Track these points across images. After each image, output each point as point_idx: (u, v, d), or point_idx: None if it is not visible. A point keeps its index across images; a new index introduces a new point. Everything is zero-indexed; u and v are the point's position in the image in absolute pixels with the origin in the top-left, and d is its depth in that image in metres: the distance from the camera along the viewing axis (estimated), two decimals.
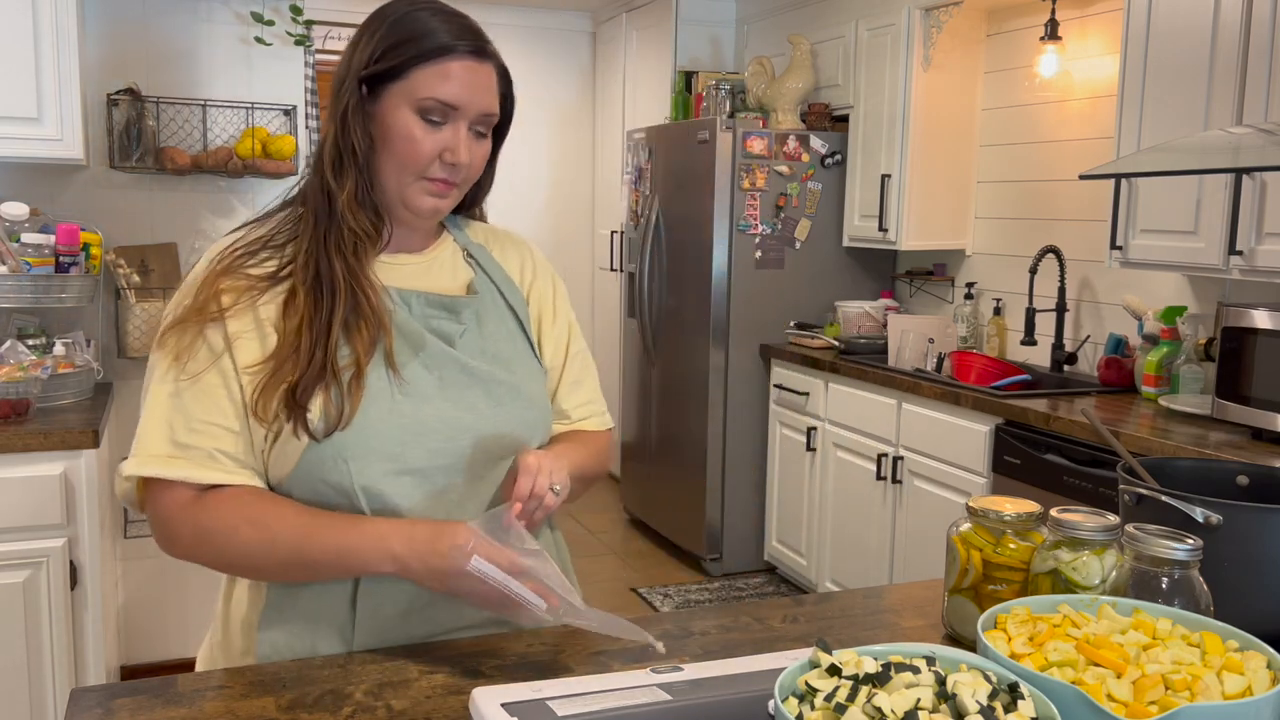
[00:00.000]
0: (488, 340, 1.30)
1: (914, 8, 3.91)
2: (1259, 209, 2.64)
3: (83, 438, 2.48)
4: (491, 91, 1.25)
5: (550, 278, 1.44)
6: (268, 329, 1.19)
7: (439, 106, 1.21)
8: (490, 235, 1.43)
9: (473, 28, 1.24)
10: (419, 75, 1.20)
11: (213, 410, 1.17)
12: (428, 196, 1.25)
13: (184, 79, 3.17)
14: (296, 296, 1.20)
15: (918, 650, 0.89)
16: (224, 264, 1.22)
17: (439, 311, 1.27)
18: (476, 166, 1.27)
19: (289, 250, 1.24)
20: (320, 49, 5.09)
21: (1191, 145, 2.08)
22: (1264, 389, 2.61)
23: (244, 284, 1.20)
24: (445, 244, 1.36)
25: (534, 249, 1.47)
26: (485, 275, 1.36)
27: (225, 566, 1.22)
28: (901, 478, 3.54)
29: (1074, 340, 3.67)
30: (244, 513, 1.17)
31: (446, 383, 1.24)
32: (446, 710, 1.05)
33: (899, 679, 0.83)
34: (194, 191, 3.22)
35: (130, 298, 3.03)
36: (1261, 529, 1.15)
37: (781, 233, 4.35)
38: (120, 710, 1.03)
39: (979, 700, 0.79)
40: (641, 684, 0.98)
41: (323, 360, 1.16)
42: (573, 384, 1.42)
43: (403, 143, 1.21)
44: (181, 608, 3.31)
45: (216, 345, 1.18)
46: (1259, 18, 2.61)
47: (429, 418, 1.22)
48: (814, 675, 0.85)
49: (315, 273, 1.20)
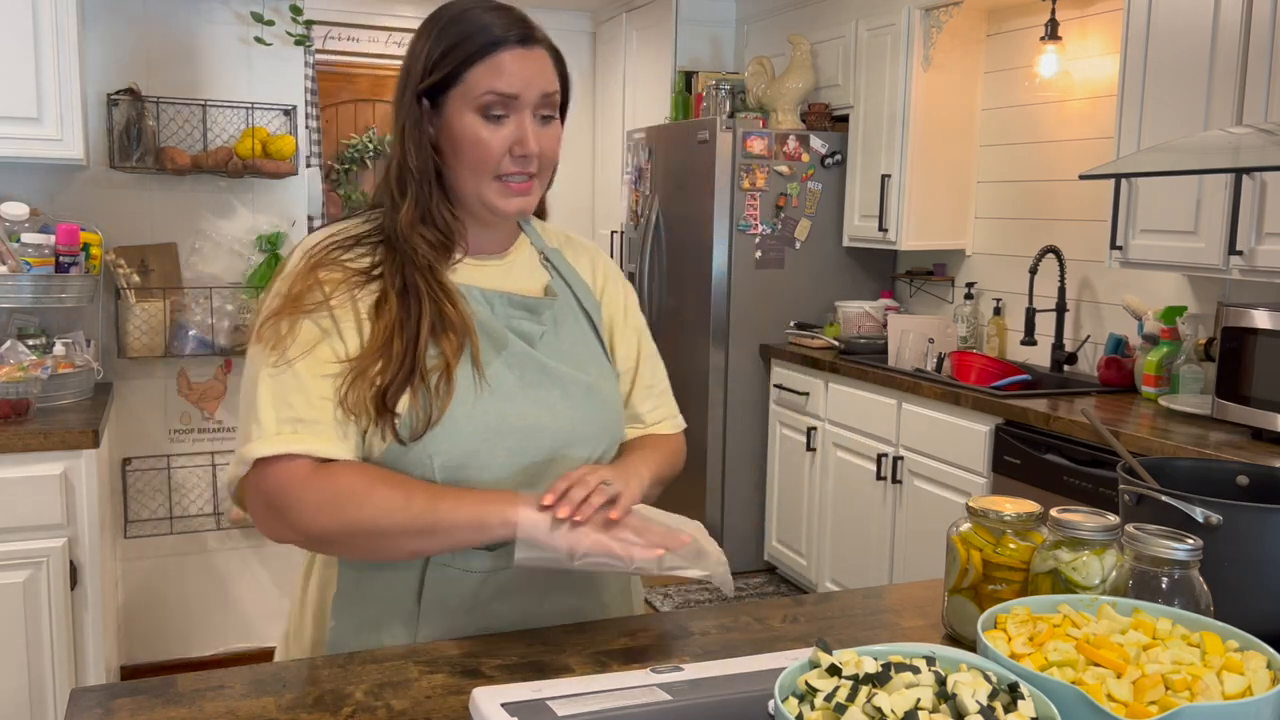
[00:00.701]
0: (565, 342, 1.33)
1: (914, 8, 3.91)
2: (1259, 209, 2.64)
3: (83, 438, 2.48)
4: (547, 73, 1.26)
5: (621, 283, 1.46)
6: (364, 322, 1.21)
7: (499, 99, 1.22)
8: (563, 239, 1.45)
9: (518, 16, 1.25)
10: (473, 75, 1.21)
11: (323, 388, 1.18)
12: (509, 197, 1.26)
13: (184, 79, 3.17)
14: (388, 299, 1.22)
15: (918, 650, 0.89)
16: (318, 257, 1.23)
17: (521, 312, 1.30)
18: (550, 151, 1.27)
19: (379, 252, 1.25)
20: (320, 49, 5.09)
21: (1191, 145, 2.08)
22: (1264, 389, 2.61)
23: (340, 275, 1.22)
24: (523, 246, 1.38)
25: (603, 254, 1.49)
26: (561, 278, 1.38)
27: (350, 530, 1.17)
28: (901, 478, 3.54)
29: (1074, 340, 3.66)
30: (376, 475, 1.17)
31: (527, 382, 1.26)
32: (446, 710, 1.05)
33: (899, 679, 0.83)
34: (194, 191, 3.22)
35: (130, 298, 3.03)
36: (1261, 529, 1.15)
37: (781, 233, 4.35)
38: (120, 710, 1.03)
39: (979, 700, 0.79)
40: (641, 684, 0.98)
41: (411, 365, 1.18)
42: (645, 388, 1.44)
43: (471, 146, 1.22)
44: (182, 608, 3.31)
45: (317, 333, 1.20)
46: (1259, 18, 2.61)
47: (510, 416, 1.24)
48: (814, 675, 0.85)
49: (402, 282, 1.22)
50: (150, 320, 3.05)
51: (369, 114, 5.77)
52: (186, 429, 3.28)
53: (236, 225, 3.27)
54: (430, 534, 1.16)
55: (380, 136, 5.75)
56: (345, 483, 1.16)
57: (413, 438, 1.19)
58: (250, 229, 3.27)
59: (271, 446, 1.16)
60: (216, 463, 3.30)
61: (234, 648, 3.40)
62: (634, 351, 1.44)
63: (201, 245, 3.23)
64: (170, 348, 3.12)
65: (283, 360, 1.19)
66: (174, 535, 3.27)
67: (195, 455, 3.28)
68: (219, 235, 3.24)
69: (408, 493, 1.16)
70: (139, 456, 3.22)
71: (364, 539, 1.18)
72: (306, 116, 3.41)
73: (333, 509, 1.15)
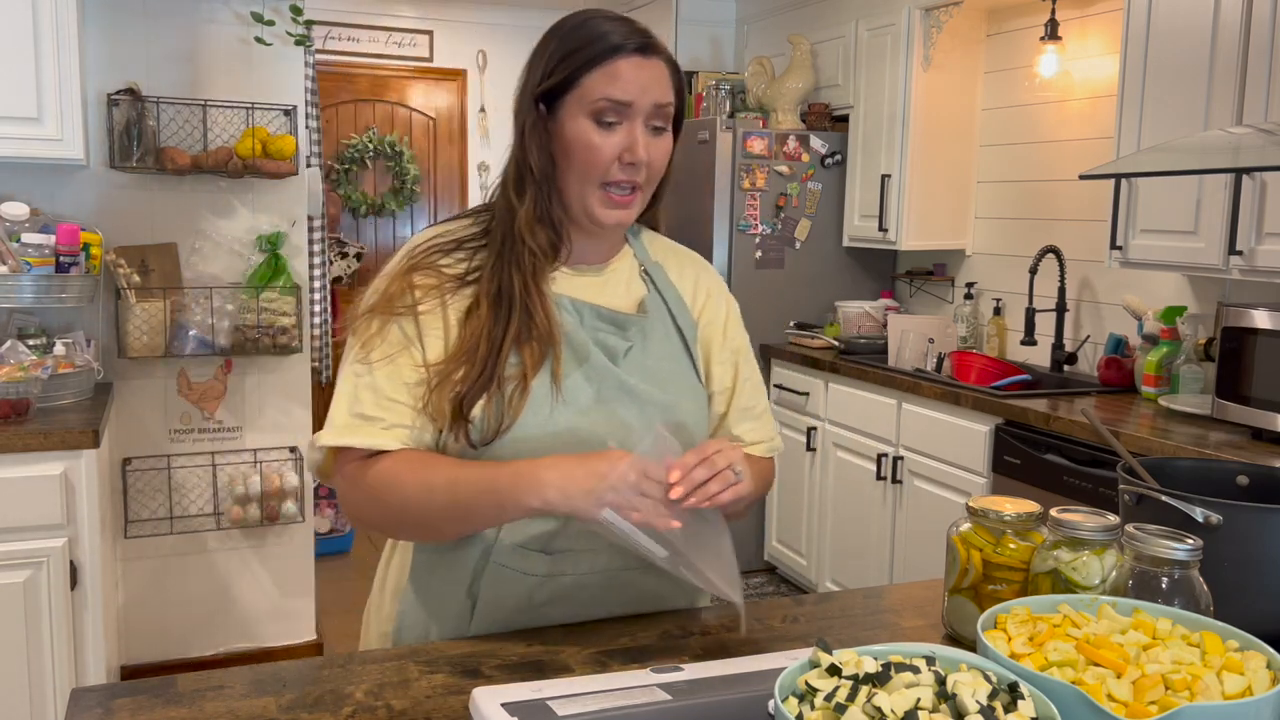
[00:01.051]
0: (650, 359, 1.33)
1: (914, 8, 3.91)
2: (1259, 209, 2.64)
3: (83, 438, 2.48)
4: (662, 84, 1.26)
5: (724, 301, 1.46)
6: (453, 328, 1.25)
7: (611, 106, 1.23)
8: (669, 253, 1.45)
9: (638, 27, 1.27)
10: (589, 81, 1.23)
11: (396, 390, 1.23)
12: (611, 209, 1.27)
13: (184, 79, 3.17)
14: (480, 306, 1.25)
15: (918, 650, 0.89)
16: (416, 260, 1.27)
17: (608, 326, 1.31)
18: (658, 163, 1.28)
19: (480, 257, 1.29)
20: (320, 49, 5.09)
21: (1191, 145, 2.08)
22: (1264, 389, 2.61)
23: (434, 281, 1.26)
24: (624, 259, 1.39)
25: (710, 270, 1.49)
26: (658, 294, 1.38)
27: (395, 521, 1.24)
28: (901, 478, 3.54)
29: (1074, 340, 3.66)
30: (406, 465, 1.20)
31: (603, 398, 1.27)
32: (446, 710, 1.05)
33: (899, 679, 0.83)
34: (194, 191, 3.22)
35: (130, 298, 3.03)
36: (1261, 529, 1.15)
37: (781, 233, 4.35)
38: (120, 710, 1.03)
39: (979, 700, 0.79)
40: (641, 684, 0.98)
41: (491, 372, 1.21)
42: (742, 410, 1.43)
43: (582, 150, 1.24)
44: (182, 608, 3.31)
45: (400, 338, 1.24)
46: (1259, 18, 2.61)
47: (581, 429, 1.25)
48: (814, 675, 0.85)
49: (498, 287, 1.25)
50: (150, 320, 3.05)
51: (369, 114, 5.77)
52: (186, 429, 3.28)
53: (236, 225, 3.27)
54: (461, 519, 1.20)
55: (380, 136, 5.75)
56: (382, 474, 1.20)
57: (483, 443, 1.21)
58: (250, 229, 3.27)
59: (330, 438, 1.23)
60: (216, 463, 3.30)
61: (234, 648, 3.40)
62: (731, 372, 1.43)
63: (201, 245, 3.23)
64: (170, 348, 3.12)
65: (365, 360, 1.24)
66: (174, 535, 3.27)
67: (195, 455, 3.28)
68: (219, 235, 3.24)
69: (430, 477, 1.18)
70: (139, 456, 3.22)
71: (406, 528, 1.24)
72: (306, 116, 3.41)
73: (375, 502, 1.21)
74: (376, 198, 5.79)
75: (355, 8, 5.56)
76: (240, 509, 3.28)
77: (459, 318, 1.25)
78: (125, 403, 3.19)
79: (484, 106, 5.86)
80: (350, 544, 4.70)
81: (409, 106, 5.83)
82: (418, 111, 5.85)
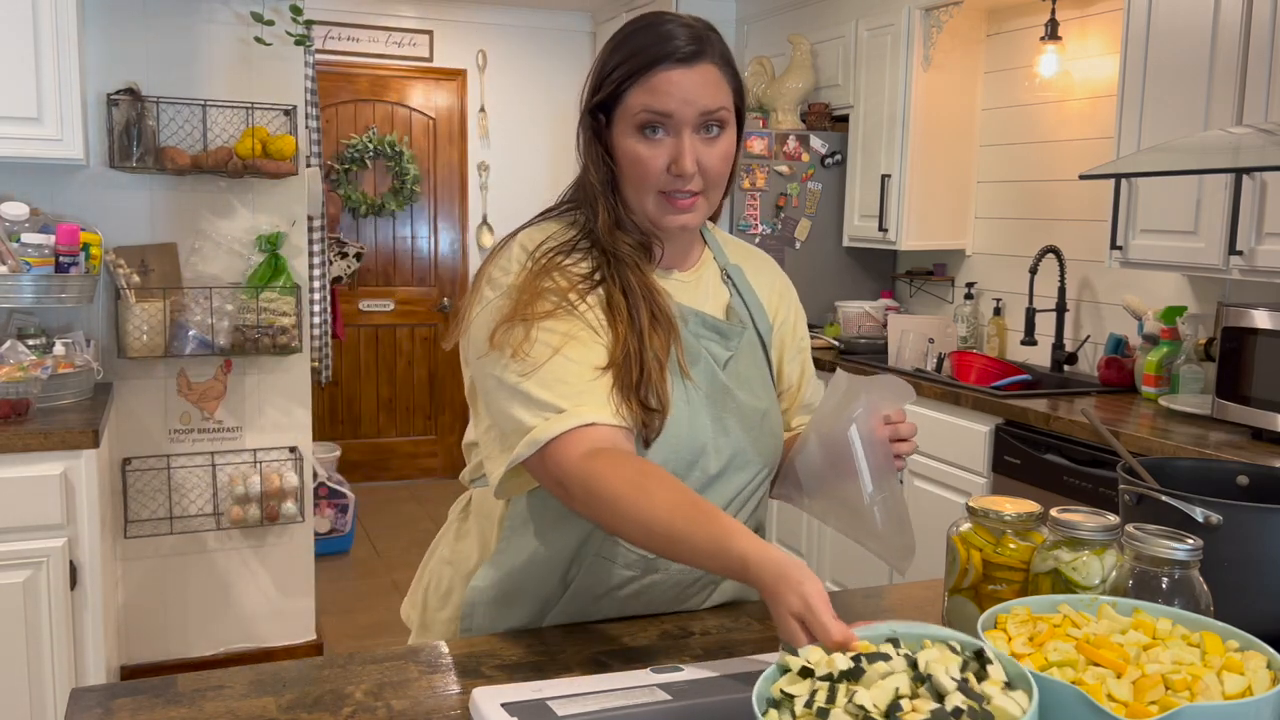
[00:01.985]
0: (743, 365, 1.36)
1: (914, 8, 3.91)
2: (1259, 209, 2.63)
3: (83, 438, 2.48)
4: (709, 89, 1.23)
5: (794, 302, 1.49)
6: (603, 326, 1.23)
7: (653, 118, 1.23)
8: (744, 254, 1.47)
9: (692, 32, 1.24)
10: (632, 94, 1.23)
11: (573, 375, 1.17)
12: (673, 214, 1.27)
13: (184, 79, 3.17)
14: (615, 300, 1.24)
15: (879, 632, 0.88)
16: (541, 264, 1.24)
17: (712, 334, 1.33)
18: (714, 169, 1.26)
19: (595, 256, 1.28)
20: (320, 49, 5.09)
21: (1191, 145, 2.08)
22: (1264, 389, 2.61)
23: (565, 284, 1.23)
24: (707, 263, 1.40)
25: (780, 272, 1.51)
26: (740, 298, 1.40)
27: (611, 530, 1.16)
28: (902, 478, 3.54)
29: (1074, 340, 3.66)
30: (628, 479, 1.10)
31: (712, 400, 1.30)
32: (446, 710, 1.05)
33: (873, 670, 0.82)
34: (194, 191, 3.22)
35: (130, 298, 3.03)
36: (1261, 529, 1.15)
37: (781, 233, 4.35)
38: (120, 710, 1.03)
39: (953, 676, 0.79)
40: (641, 684, 0.98)
41: (646, 364, 1.21)
42: (803, 407, 1.49)
43: (631, 164, 1.25)
44: (182, 608, 3.31)
45: (553, 340, 1.19)
46: (1259, 18, 2.61)
47: (698, 430, 1.27)
48: (786, 681, 0.84)
49: (621, 285, 1.25)
50: (150, 320, 3.05)
51: (369, 114, 5.77)
52: (186, 429, 3.29)
53: (236, 225, 3.27)
54: (675, 556, 1.10)
55: (380, 136, 5.75)
56: (603, 485, 1.11)
57: (659, 431, 1.21)
58: (250, 229, 3.27)
59: (546, 431, 1.14)
60: (216, 463, 3.30)
61: (234, 648, 3.40)
62: (799, 371, 1.48)
63: (201, 245, 3.23)
64: (170, 348, 3.12)
65: (522, 368, 1.17)
66: (174, 535, 3.27)
67: (195, 455, 3.28)
68: (219, 235, 3.24)
69: (653, 509, 1.08)
70: (139, 456, 3.22)
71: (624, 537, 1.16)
72: (306, 116, 3.41)
73: (594, 508, 1.12)
74: (376, 198, 5.79)
75: (355, 8, 5.56)
76: (240, 509, 3.28)
77: (603, 315, 1.24)
78: (125, 403, 3.19)
79: (484, 106, 5.86)
80: (350, 544, 4.70)
81: (409, 106, 5.83)
82: (418, 111, 5.85)
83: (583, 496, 1.12)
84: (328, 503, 4.59)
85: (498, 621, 1.32)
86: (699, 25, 1.26)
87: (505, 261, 1.26)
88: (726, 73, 1.26)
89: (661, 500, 1.08)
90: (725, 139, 1.26)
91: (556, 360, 1.18)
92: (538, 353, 1.18)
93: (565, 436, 1.13)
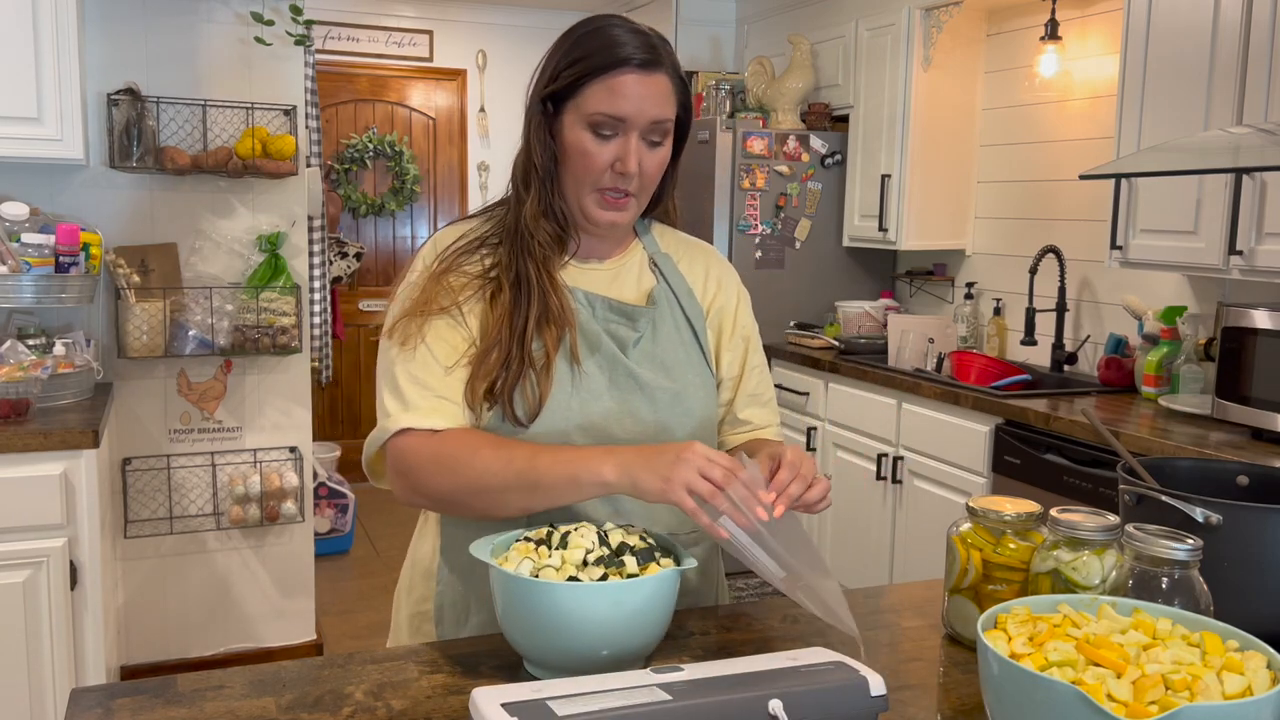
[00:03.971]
0: (659, 348, 1.37)
1: (914, 8, 3.91)
2: (1259, 209, 2.64)
3: (83, 438, 2.48)
4: (662, 100, 1.30)
5: (734, 291, 1.50)
6: (481, 322, 1.32)
7: (607, 120, 1.27)
8: (679, 244, 1.49)
9: (648, 41, 1.30)
10: (589, 91, 1.28)
11: (440, 377, 1.29)
12: (604, 210, 1.33)
13: (184, 79, 3.16)
14: (502, 293, 1.31)
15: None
16: (444, 264, 1.34)
17: (618, 318, 1.36)
18: (650, 174, 1.33)
19: (499, 252, 1.35)
20: (320, 49, 5.09)
21: (1191, 145, 2.08)
22: (1264, 389, 2.61)
23: (461, 281, 1.33)
24: (634, 252, 1.43)
25: (721, 260, 1.52)
26: (666, 284, 1.42)
27: (463, 488, 1.25)
28: (901, 478, 3.54)
29: (1074, 340, 3.66)
30: (482, 439, 1.26)
31: (615, 384, 1.33)
32: (446, 710, 1.05)
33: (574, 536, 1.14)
34: (194, 191, 3.22)
35: (130, 298, 3.03)
36: (1261, 529, 1.15)
37: (781, 233, 4.35)
38: (120, 710, 1.03)
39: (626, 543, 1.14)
40: (641, 684, 0.98)
41: (520, 356, 1.28)
42: (750, 396, 1.48)
43: (577, 156, 1.30)
44: (181, 608, 3.31)
45: (444, 327, 1.30)
46: (1259, 18, 2.61)
47: (595, 415, 1.31)
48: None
49: (515, 274, 1.32)
50: (150, 320, 3.05)
51: (369, 114, 5.77)
52: (186, 429, 3.28)
53: (236, 225, 3.27)
54: (531, 490, 1.21)
55: (380, 136, 5.75)
56: (455, 445, 1.25)
57: (530, 419, 1.28)
58: (250, 229, 3.27)
59: (398, 422, 1.27)
60: (216, 463, 3.30)
61: (234, 648, 3.40)
62: (740, 359, 1.47)
63: (201, 245, 3.23)
64: (170, 348, 3.12)
65: (409, 358, 1.29)
66: (174, 535, 3.27)
67: (195, 455, 3.28)
68: (219, 235, 3.24)
69: (510, 452, 1.22)
70: (139, 456, 3.22)
71: (474, 496, 1.25)
72: (306, 116, 3.41)
73: (444, 468, 1.25)
74: (376, 198, 5.79)
75: (355, 8, 5.56)
76: (240, 509, 3.28)
77: (486, 310, 1.32)
78: (125, 403, 3.19)
79: (484, 106, 5.86)
80: (350, 544, 4.71)
81: (409, 106, 5.83)
82: (418, 111, 5.85)
83: (433, 469, 1.25)
84: (328, 503, 4.59)
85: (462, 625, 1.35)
86: (653, 34, 1.32)
87: (417, 260, 1.37)
88: (676, 85, 1.32)
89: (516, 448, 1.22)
90: (665, 147, 1.33)
91: (426, 358, 1.29)
92: (411, 346, 1.29)
93: (412, 432, 1.26)
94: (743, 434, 1.46)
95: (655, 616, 1.11)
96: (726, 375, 1.46)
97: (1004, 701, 0.89)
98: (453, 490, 1.25)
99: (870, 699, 0.98)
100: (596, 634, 1.07)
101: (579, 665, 1.07)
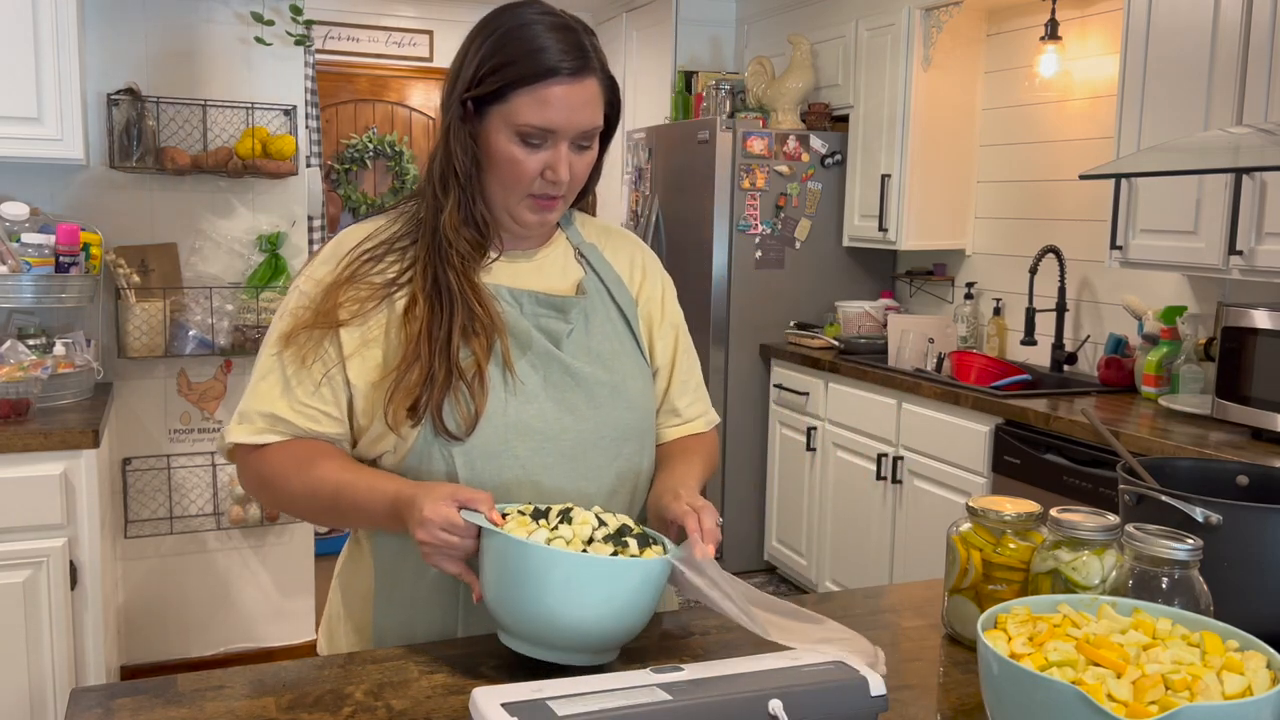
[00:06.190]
0: (594, 339, 1.33)
1: (914, 8, 3.91)
2: (1259, 209, 2.64)
3: (83, 438, 2.48)
4: (591, 106, 1.26)
5: (660, 278, 1.47)
6: (392, 335, 1.25)
7: (537, 132, 1.23)
8: (602, 234, 1.46)
9: (576, 41, 1.24)
10: (518, 100, 1.22)
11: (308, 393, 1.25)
12: (533, 212, 1.29)
13: (184, 79, 3.16)
14: (417, 304, 1.24)
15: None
16: (349, 271, 1.27)
17: (548, 311, 1.31)
18: (579, 177, 1.30)
19: (411, 253, 1.28)
20: (320, 49, 5.09)
21: (1191, 145, 2.08)
22: (1264, 389, 2.61)
23: (365, 293, 1.25)
24: (558, 243, 1.39)
25: (645, 248, 1.49)
26: (595, 274, 1.39)
27: (282, 506, 1.31)
28: (901, 478, 3.54)
29: (1074, 340, 3.66)
30: (299, 460, 1.24)
31: (550, 383, 1.28)
32: (446, 710, 1.05)
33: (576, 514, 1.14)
34: (194, 191, 3.22)
35: (130, 298, 3.03)
36: (1261, 529, 1.15)
37: (781, 233, 4.35)
38: (120, 710, 1.03)
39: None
40: (641, 684, 0.98)
41: (447, 369, 1.21)
42: (681, 383, 1.45)
43: (505, 164, 1.25)
44: (181, 608, 3.31)
45: (331, 352, 1.25)
46: (1259, 18, 2.61)
47: (532, 417, 1.26)
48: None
49: (433, 282, 1.25)
50: (150, 320, 3.05)
51: (369, 114, 5.77)
52: (186, 429, 3.28)
53: (236, 225, 3.27)
54: (340, 520, 1.27)
55: (380, 136, 5.75)
56: (273, 466, 1.26)
57: (466, 432, 1.22)
58: (250, 229, 3.27)
59: (231, 435, 1.27)
60: (216, 463, 3.30)
61: (234, 648, 3.40)
62: (671, 346, 1.44)
63: (201, 245, 3.23)
64: (170, 348, 3.12)
65: (287, 364, 1.26)
66: (174, 535, 3.27)
67: (195, 455, 3.28)
68: (219, 235, 3.24)
69: (317, 483, 1.22)
70: (139, 456, 3.22)
71: (299, 515, 1.30)
72: (306, 116, 3.41)
73: (268, 490, 1.28)
74: (376, 198, 5.79)
75: (355, 8, 5.56)
76: (240, 509, 3.28)
77: (397, 322, 1.25)
78: (125, 403, 3.19)
79: None
80: None
81: (409, 106, 5.83)
82: (418, 111, 5.85)
83: (256, 487, 1.28)
84: None
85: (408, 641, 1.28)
86: (578, 26, 1.26)
87: (316, 261, 1.31)
88: (605, 85, 1.28)
89: (325, 476, 1.22)
90: (593, 149, 1.31)
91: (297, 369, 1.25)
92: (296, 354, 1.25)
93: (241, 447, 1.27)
94: (675, 428, 1.44)
95: (646, 603, 1.12)
96: (661, 363, 1.42)
97: (1004, 701, 0.89)
98: (280, 508, 1.32)
99: (870, 699, 0.98)
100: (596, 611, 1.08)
101: (566, 641, 1.09)
